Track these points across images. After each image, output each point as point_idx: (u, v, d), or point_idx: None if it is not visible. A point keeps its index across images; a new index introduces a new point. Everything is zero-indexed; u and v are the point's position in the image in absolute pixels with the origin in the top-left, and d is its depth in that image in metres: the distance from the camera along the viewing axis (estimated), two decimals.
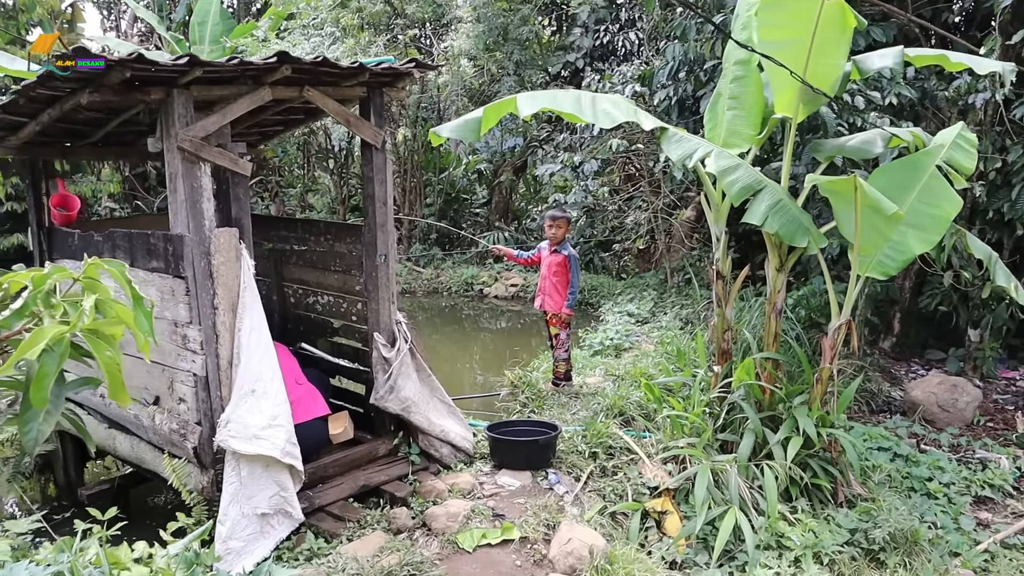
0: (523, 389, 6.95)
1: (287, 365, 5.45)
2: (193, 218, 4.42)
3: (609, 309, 10.80)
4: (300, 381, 5.42)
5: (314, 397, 5.40)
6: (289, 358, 5.59)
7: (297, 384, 5.38)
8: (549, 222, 6.87)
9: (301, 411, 5.22)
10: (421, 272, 14.43)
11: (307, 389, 5.41)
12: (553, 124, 13.13)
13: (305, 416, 5.23)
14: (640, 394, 6.53)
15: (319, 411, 5.35)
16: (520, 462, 5.55)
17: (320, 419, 5.35)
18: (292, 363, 5.55)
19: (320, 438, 5.36)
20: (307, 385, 5.44)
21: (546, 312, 7.02)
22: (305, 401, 5.31)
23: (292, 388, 5.30)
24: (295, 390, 5.30)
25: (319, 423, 5.33)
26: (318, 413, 5.34)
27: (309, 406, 5.30)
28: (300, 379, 5.44)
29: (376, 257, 5.43)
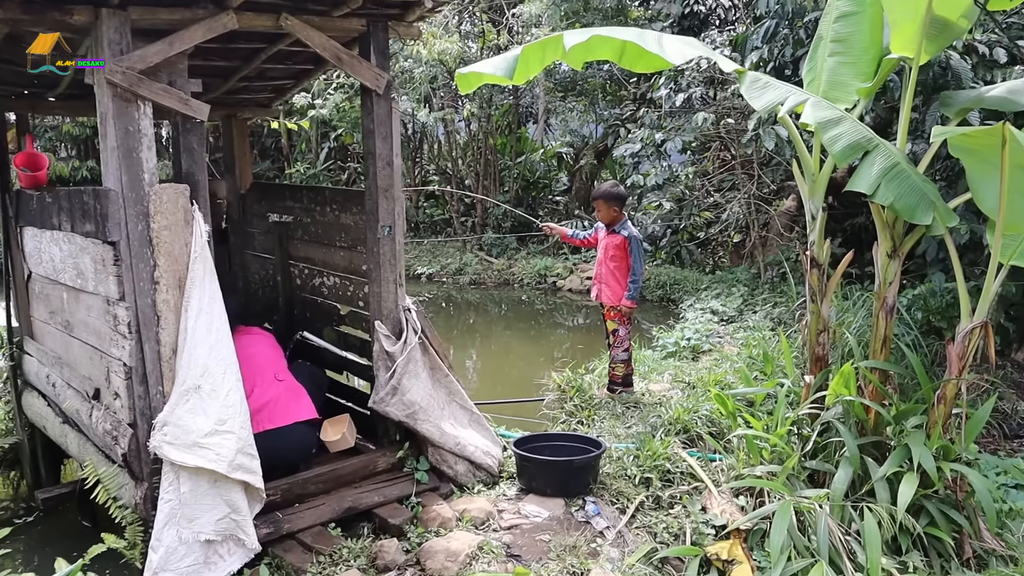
0: (571, 395, 5.86)
1: (267, 357, 4.55)
2: (127, 170, 3.53)
3: (691, 305, 9.55)
4: (281, 376, 4.51)
5: (297, 396, 4.47)
6: (273, 349, 4.69)
7: (277, 380, 4.47)
8: (596, 203, 5.76)
9: (279, 413, 4.32)
10: (492, 262, 13.47)
11: (289, 386, 4.48)
12: (637, 102, 11.93)
13: (283, 419, 4.31)
14: (712, 407, 5.34)
15: (302, 413, 4.42)
16: (551, 486, 4.48)
17: (305, 424, 4.42)
18: (275, 355, 4.65)
19: (303, 446, 4.43)
20: (289, 382, 4.52)
21: (603, 304, 5.91)
22: (284, 401, 4.39)
23: (269, 385, 4.40)
24: (271, 387, 4.40)
25: (303, 429, 4.40)
26: (301, 416, 4.40)
27: (289, 407, 4.38)
28: (282, 374, 4.53)
29: (378, 229, 4.44)
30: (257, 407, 4.30)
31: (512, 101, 14.85)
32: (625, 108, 12.43)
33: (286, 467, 4.34)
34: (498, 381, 8.43)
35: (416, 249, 14.46)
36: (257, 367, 4.47)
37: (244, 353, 4.50)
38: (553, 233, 5.96)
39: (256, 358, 4.53)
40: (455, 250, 14.04)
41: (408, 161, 15.67)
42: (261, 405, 4.32)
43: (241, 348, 4.54)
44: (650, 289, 11.28)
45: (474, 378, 8.78)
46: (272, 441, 4.20)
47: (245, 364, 4.43)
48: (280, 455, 4.26)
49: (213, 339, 3.66)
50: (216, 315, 3.71)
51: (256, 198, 5.73)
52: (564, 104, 14.90)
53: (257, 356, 4.55)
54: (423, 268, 13.68)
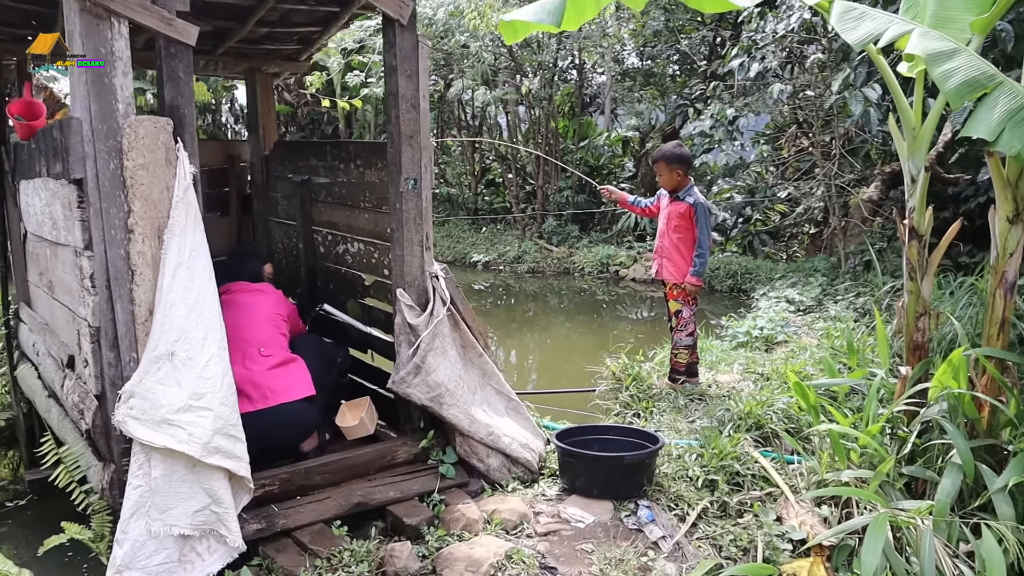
0: (627, 384, 5.17)
1: (257, 325, 4.00)
2: (96, 98, 3.01)
3: (764, 294, 8.74)
4: (268, 351, 3.95)
5: (287, 372, 3.90)
6: (271, 313, 4.13)
7: (261, 355, 3.91)
8: (656, 166, 5.06)
9: (260, 391, 3.76)
10: (552, 250, 12.81)
11: (277, 361, 3.92)
12: (708, 80, 11.12)
13: (265, 399, 3.74)
14: (789, 400, 4.60)
15: (298, 391, 3.85)
16: (598, 486, 3.82)
17: (300, 403, 3.84)
18: (270, 321, 4.10)
19: (294, 428, 3.85)
20: (279, 355, 3.95)
21: (664, 281, 5.21)
22: (270, 378, 3.83)
23: (253, 359, 3.84)
24: (258, 362, 3.84)
25: (295, 408, 3.82)
26: (291, 395, 3.83)
27: (275, 385, 3.82)
28: (270, 347, 3.97)
29: (401, 182, 3.85)
30: (240, 383, 3.77)
31: (576, 82, 14.17)
32: (695, 87, 11.62)
33: (279, 453, 3.79)
34: (555, 374, 7.79)
35: (474, 236, 13.91)
36: (240, 339, 3.93)
37: (231, 318, 3.96)
38: (612, 198, 5.27)
39: (242, 327, 3.97)
40: (514, 238, 13.43)
41: (468, 147, 15.12)
42: (241, 383, 3.78)
43: (228, 311, 4.02)
44: (719, 278, 10.48)
45: (529, 370, 8.15)
46: (257, 424, 3.65)
47: (232, 331, 3.90)
48: (271, 437, 3.70)
49: (193, 299, 3.11)
50: (199, 271, 3.16)
51: (279, 159, 5.20)
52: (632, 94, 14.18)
53: (245, 324, 4.00)
54: (479, 256, 13.11)
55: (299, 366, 3.95)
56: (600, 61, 14.11)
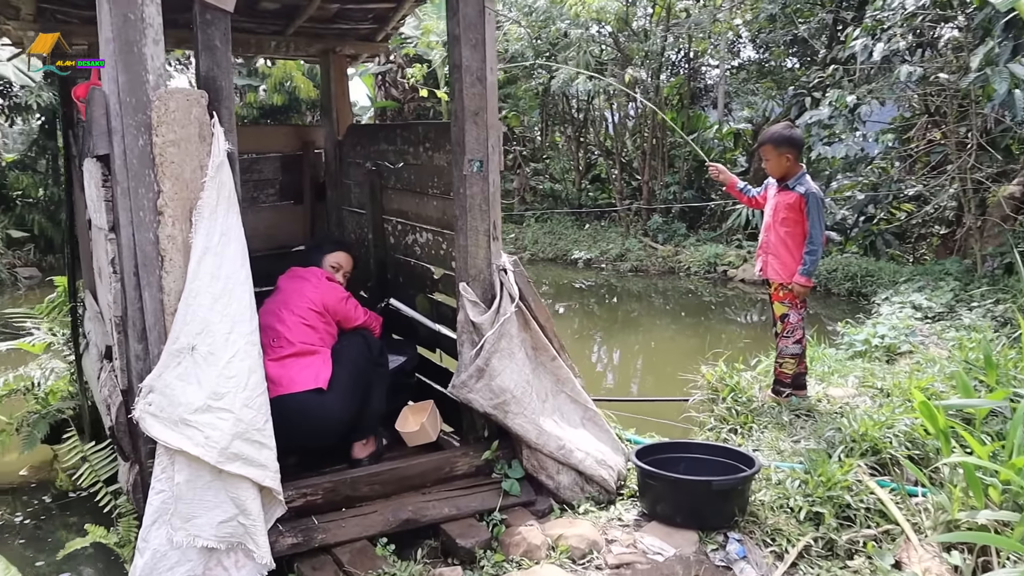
0: (724, 395, 4.63)
1: (288, 314, 3.70)
2: (125, 69, 2.74)
3: (886, 299, 7.94)
4: (279, 344, 3.64)
5: (306, 364, 3.60)
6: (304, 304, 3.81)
7: (272, 346, 3.61)
8: (763, 150, 4.49)
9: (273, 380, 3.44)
10: (657, 248, 12.21)
11: (296, 351, 3.60)
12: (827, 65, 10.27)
13: (275, 389, 3.41)
14: (913, 421, 3.97)
15: (302, 383, 3.53)
16: (681, 514, 3.34)
17: (309, 394, 3.52)
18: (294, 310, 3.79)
19: (307, 422, 3.50)
20: (291, 348, 3.64)
21: (769, 281, 4.64)
22: (282, 367, 3.51)
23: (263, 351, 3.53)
24: (271, 351, 3.54)
25: (303, 400, 3.49)
26: (299, 387, 3.51)
27: (286, 374, 3.51)
28: (281, 340, 3.66)
29: (464, 164, 3.46)
30: None
31: (685, 73, 13.51)
32: (813, 75, 10.79)
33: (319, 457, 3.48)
34: (650, 380, 7.28)
35: (576, 233, 13.45)
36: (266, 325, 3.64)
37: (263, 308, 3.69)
38: (720, 178, 4.72)
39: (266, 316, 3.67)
40: (617, 235, 12.89)
41: (572, 142, 14.67)
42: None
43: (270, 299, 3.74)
44: (836, 281, 9.68)
45: (622, 375, 7.65)
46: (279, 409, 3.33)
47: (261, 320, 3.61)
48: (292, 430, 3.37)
49: (219, 288, 2.81)
50: (228, 258, 2.86)
51: (352, 144, 4.92)
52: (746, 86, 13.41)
53: (268, 313, 3.71)
54: (580, 253, 12.63)
55: (316, 359, 3.61)
56: (712, 51, 13.41)
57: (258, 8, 4.51)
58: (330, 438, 3.67)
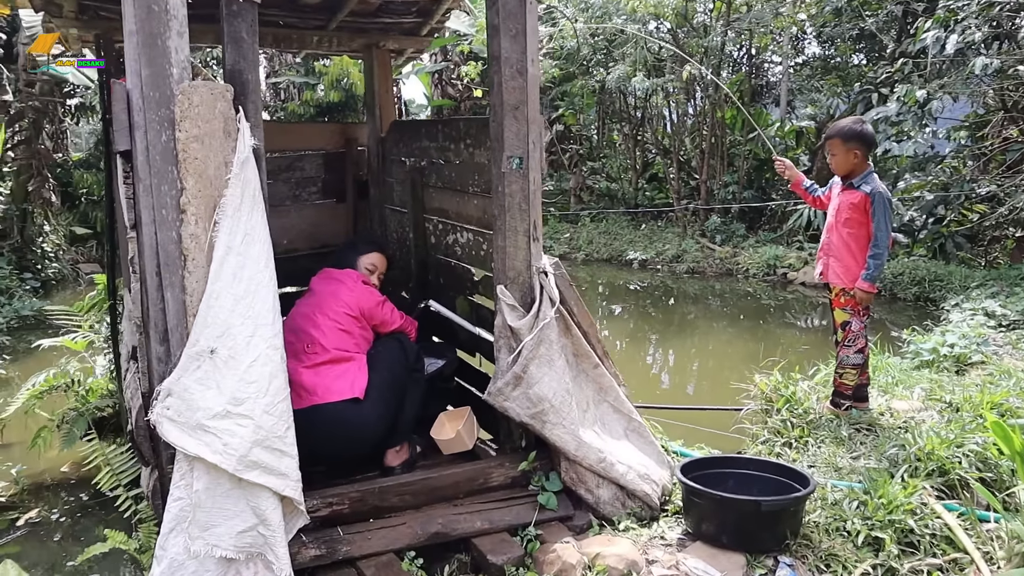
0: (779, 406, 4.38)
1: (322, 319, 3.60)
2: (148, 62, 2.66)
3: (956, 306, 7.53)
4: (314, 350, 3.51)
5: (342, 372, 3.47)
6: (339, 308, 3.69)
7: (307, 352, 3.50)
8: (829, 144, 4.22)
9: (307, 389, 3.34)
10: (715, 249, 11.89)
11: (331, 358, 3.48)
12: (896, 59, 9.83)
13: (309, 398, 3.32)
14: (985, 439, 3.68)
15: (338, 392, 3.41)
16: (727, 534, 3.12)
17: (345, 404, 3.39)
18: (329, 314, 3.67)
19: (340, 434, 3.39)
20: (326, 355, 3.51)
21: (830, 286, 4.38)
22: (317, 375, 3.40)
23: (297, 357, 3.44)
24: (305, 358, 3.43)
25: (340, 410, 3.38)
26: (335, 396, 3.39)
27: (321, 383, 3.39)
28: (316, 346, 3.54)
29: (503, 160, 3.30)
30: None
31: (745, 70, 13.12)
32: (880, 70, 10.35)
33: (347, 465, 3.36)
34: (704, 387, 7.03)
35: (632, 233, 13.19)
36: (296, 332, 3.55)
37: (296, 311, 3.61)
38: (786, 174, 4.47)
39: (300, 320, 3.60)
40: (674, 235, 12.59)
41: (630, 140, 14.41)
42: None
43: (299, 304, 3.65)
44: (903, 285, 9.26)
45: (673, 381, 7.40)
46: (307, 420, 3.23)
47: (289, 326, 3.53)
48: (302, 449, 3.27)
49: (242, 289, 2.70)
50: (251, 259, 2.75)
51: (394, 141, 4.80)
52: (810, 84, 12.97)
53: (302, 317, 3.61)
54: (636, 253, 12.37)
55: (351, 366, 3.49)
56: (774, 47, 13.01)
57: (299, 2, 4.42)
58: (365, 448, 3.57)
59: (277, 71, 17.75)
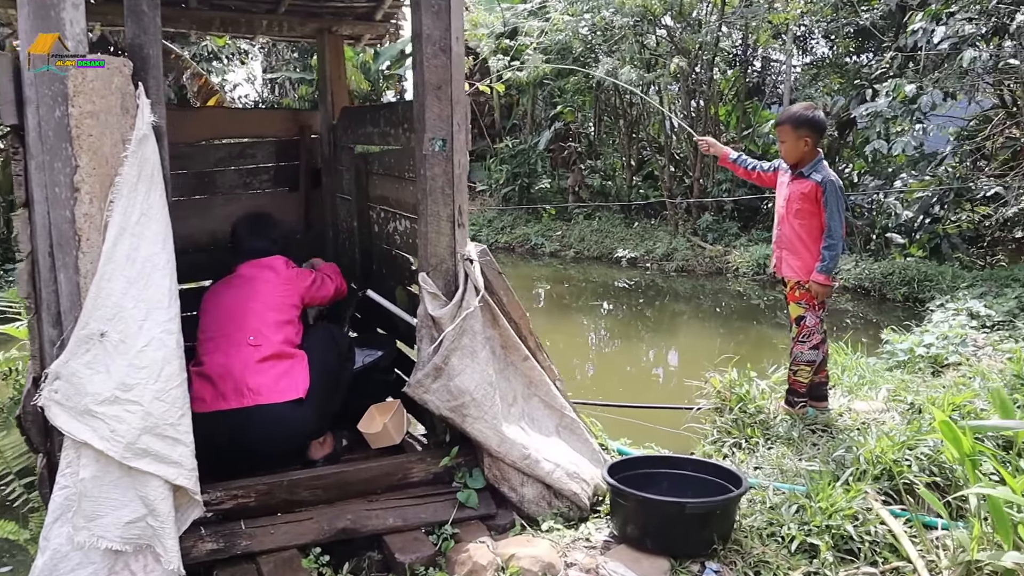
0: (731, 404, 4.20)
1: (256, 308, 3.43)
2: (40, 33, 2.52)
3: (941, 305, 7.32)
4: (258, 342, 3.35)
5: (288, 369, 3.30)
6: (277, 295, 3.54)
7: (250, 345, 3.32)
8: (779, 130, 4.04)
9: (236, 388, 3.18)
10: (705, 248, 11.68)
11: (276, 352, 3.31)
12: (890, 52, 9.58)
13: (255, 396, 3.16)
14: (940, 443, 3.49)
15: (284, 392, 3.24)
16: (652, 537, 2.95)
17: (289, 404, 3.23)
18: (271, 306, 3.50)
19: (280, 435, 3.24)
20: (271, 346, 3.34)
21: (784, 280, 4.20)
22: (263, 371, 3.23)
23: (239, 348, 3.27)
24: (243, 352, 3.26)
25: (284, 411, 3.21)
26: (281, 396, 3.22)
27: (267, 380, 3.22)
28: (261, 337, 3.37)
29: (425, 142, 3.14)
30: (213, 376, 3.21)
31: (739, 69, 12.92)
32: (875, 66, 10.12)
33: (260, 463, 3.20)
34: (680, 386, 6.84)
35: (624, 231, 12.99)
36: (229, 323, 3.37)
37: (227, 301, 3.43)
38: (710, 151, 4.32)
39: (234, 310, 3.41)
40: (665, 233, 12.39)
41: (624, 137, 14.21)
42: (217, 375, 3.21)
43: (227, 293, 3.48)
44: (892, 285, 9.04)
45: (644, 380, 7.22)
46: (224, 426, 3.11)
47: (219, 317, 3.36)
48: (240, 445, 3.13)
49: (135, 272, 2.56)
50: (148, 240, 2.62)
51: (344, 128, 4.65)
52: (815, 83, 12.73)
53: (239, 308, 3.43)
54: (625, 251, 12.17)
55: (295, 363, 3.34)
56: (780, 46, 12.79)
57: None
58: (297, 446, 3.42)
59: (274, 67, 17.68)
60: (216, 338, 3.40)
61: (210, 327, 3.45)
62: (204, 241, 4.51)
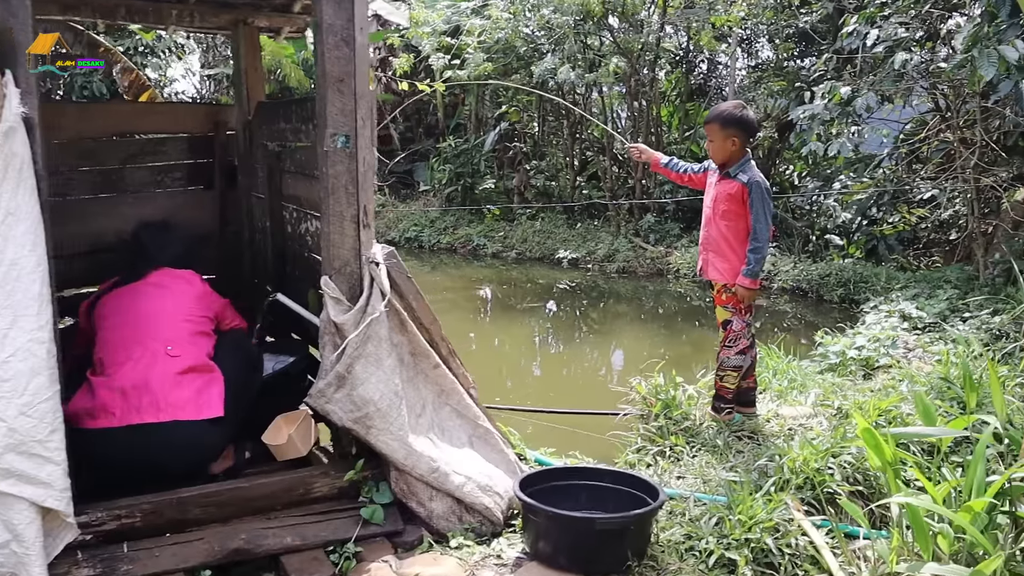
0: (656, 411, 4.09)
1: (169, 318, 3.22)
2: None
3: (875, 307, 7.34)
4: (177, 351, 3.13)
5: (207, 384, 3.10)
6: (190, 306, 3.34)
7: (168, 355, 3.09)
8: (707, 129, 3.94)
9: (153, 402, 2.96)
10: (647, 249, 11.63)
11: (184, 365, 3.10)
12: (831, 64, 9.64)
13: (158, 412, 2.95)
14: (861, 450, 3.42)
15: (203, 409, 3.03)
16: (564, 554, 2.82)
17: (199, 423, 3.02)
18: (186, 316, 3.29)
19: (192, 453, 3.04)
20: (189, 358, 3.13)
21: (712, 283, 4.11)
22: (167, 386, 3.02)
23: (152, 359, 3.05)
24: (155, 363, 3.04)
25: (194, 429, 3.01)
26: (199, 413, 3.01)
27: (171, 395, 3.00)
28: (180, 347, 3.15)
29: (327, 139, 2.97)
30: (126, 387, 2.98)
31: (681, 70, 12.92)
32: (813, 69, 10.17)
33: (166, 480, 2.98)
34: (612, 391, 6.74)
35: (567, 232, 12.88)
36: (144, 332, 3.14)
37: (137, 308, 3.20)
38: (641, 158, 4.23)
39: (148, 318, 3.20)
40: (608, 234, 12.32)
41: (568, 137, 14.12)
42: (131, 386, 2.98)
43: (136, 300, 3.25)
44: (829, 287, 9.07)
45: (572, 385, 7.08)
46: (137, 442, 2.88)
47: (130, 324, 3.13)
48: (150, 462, 2.91)
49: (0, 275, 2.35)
50: (14, 241, 2.45)
51: (259, 124, 4.44)
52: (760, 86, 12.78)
53: (152, 315, 3.21)
54: (566, 252, 12.07)
55: (213, 379, 3.14)
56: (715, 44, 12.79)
57: None
58: (200, 466, 3.21)
59: (211, 62, 17.21)
60: (129, 347, 3.16)
61: (117, 335, 3.22)
62: (112, 241, 4.26)
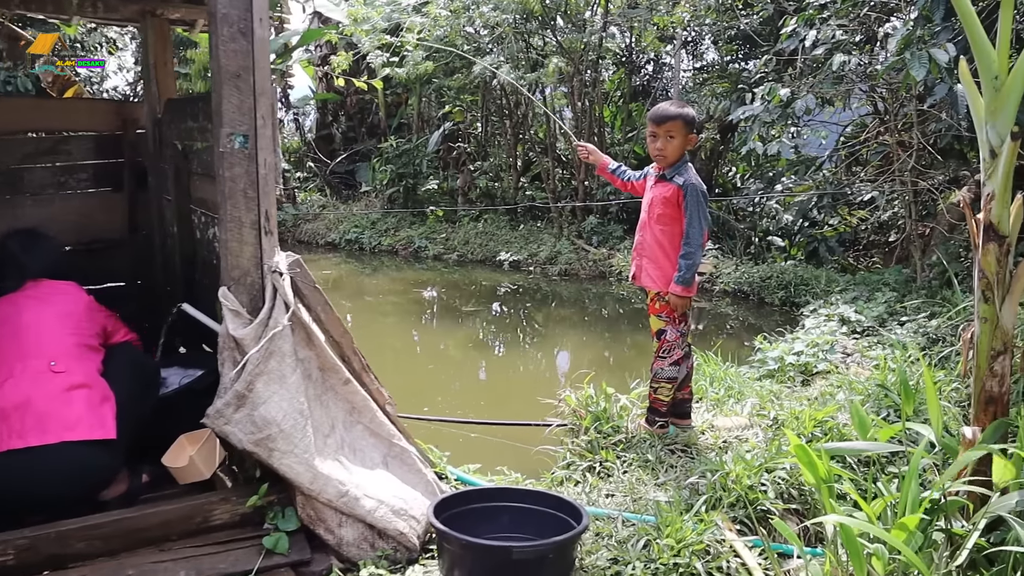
0: (586, 424, 3.92)
1: (51, 332, 2.96)
2: None
3: (815, 311, 7.29)
4: (62, 367, 2.87)
5: (96, 402, 2.85)
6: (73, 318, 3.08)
7: (52, 371, 2.83)
8: (650, 126, 3.78)
9: (38, 424, 2.71)
10: (589, 251, 11.51)
11: (73, 383, 2.84)
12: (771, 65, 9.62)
13: (43, 435, 2.69)
14: (795, 466, 3.29)
15: (93, 429, 2.77)
16: None
17: (88, 445, 2.77)
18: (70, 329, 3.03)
19: (80, 478, 2.79)
20: (75, 375, 2.87)
21: (645, 290, 3.96)
22: (54, 405, 2.76)
23: (35, 377, 2.79)
24: (38, 382, 2.78)
25: (84, 452, 2.75)
26: (89, 433, 2.76)
27: (59, 416, 2.75)
28: (65, 363, 2.89)
29: (223, 138, 2.73)
30: (7, 408, 2.71)
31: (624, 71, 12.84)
32: (756, 71, 10.16)
33: (53, 510, 2.71)
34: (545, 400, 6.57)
35: (509, 234, 12.71)
36: (24, 347, 2.88)
37: (16, 322, 2.93)
38: (589, 159, 4.07)
39: (28, 331, 2.93)
40: (550, 236, 12.17)
41: (511, 137, 13.94)
42: (12, 406, 2.72)
43: (14, 313, 2.98)
44: (770, 289, 9.03)
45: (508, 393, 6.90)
46: (20, 468, 2.62)
47: (8, 339, 2.87)
48: (34, 489, 2.66)
49: None
50: None
51: (168, 122, 4.17)
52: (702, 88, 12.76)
53: (32, 329, 2.94)
54: (507, 254, 11.89)
55: (104, 398, 2.88)
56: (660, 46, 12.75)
57: None
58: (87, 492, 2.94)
59: None
60: (9, 363, 2.89)
61: None
62: None
